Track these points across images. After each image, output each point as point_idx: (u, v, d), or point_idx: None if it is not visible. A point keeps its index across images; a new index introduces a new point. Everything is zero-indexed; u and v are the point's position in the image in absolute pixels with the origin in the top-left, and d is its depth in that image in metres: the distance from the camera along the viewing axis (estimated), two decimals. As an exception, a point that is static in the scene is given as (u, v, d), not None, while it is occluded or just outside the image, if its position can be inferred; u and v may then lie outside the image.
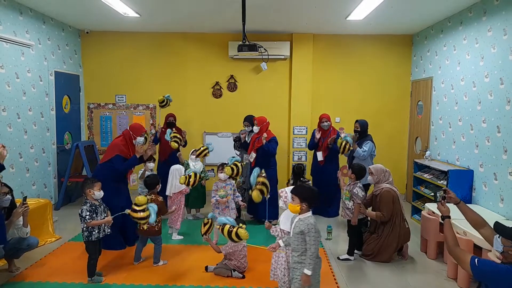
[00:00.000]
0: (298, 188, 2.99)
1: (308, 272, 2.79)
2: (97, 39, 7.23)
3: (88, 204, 3.66)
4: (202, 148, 5.14)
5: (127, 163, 4.44)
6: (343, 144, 5.35)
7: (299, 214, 2.92)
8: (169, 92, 7.27)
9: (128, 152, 4.50)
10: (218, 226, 3.58)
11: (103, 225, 3.72)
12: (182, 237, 4.99)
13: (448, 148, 5.77)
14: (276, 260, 3.40)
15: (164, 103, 6.08)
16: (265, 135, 5.43)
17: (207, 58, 7.27)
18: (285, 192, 3.31)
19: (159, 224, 4.09)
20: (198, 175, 4.50)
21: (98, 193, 3.71)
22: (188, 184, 4.44)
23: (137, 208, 3.63)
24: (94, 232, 3.65)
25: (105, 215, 3.78)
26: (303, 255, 2.86)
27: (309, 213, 2.91)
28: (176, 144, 5.33)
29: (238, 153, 6.13)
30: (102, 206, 3.78)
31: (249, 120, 5.96)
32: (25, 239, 3.86)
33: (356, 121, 5.60)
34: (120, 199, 4.35)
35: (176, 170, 5.05)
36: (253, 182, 4.06)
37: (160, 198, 4.16)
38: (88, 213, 3.61)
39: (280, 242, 3.18)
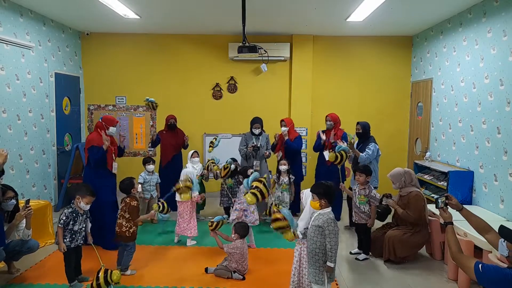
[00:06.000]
0: (315, 186, 3.15)
1: (331, 264, 3.00)
2: (97, 41, 7.23)
3: (70, 210, 3.56)
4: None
5: (97, 156, 4.46)
6: (339, 156, 4.94)
7: (320, 209, 3.06)
8: (169, 94, 7.30)
9: (101, 141, 4.53)
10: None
11: (77, 235, 3.61)
12: (195, 242, 4.86)
13: (448, 149, 5.77)
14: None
15: (149, 106, 6.06)
16: (284, 131, 5.77)
17: (207, 59, 7.27)
18: (304, 194, 3.47)
19: (131, 230, 3.88)
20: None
21: (84, 206, 3.61)
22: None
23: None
24: (65, 240, 3.54)
25: (84, 225, 3.67)
26: (318, 248, 3.01)
27: (329, 209, 3.06)
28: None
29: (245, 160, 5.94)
30: (84, 216, 3.67)
31: (260, 122, 5.88)
32: (25, 242, 3.86)
33: (358, 123, 5.39)
34: (107, 195, 4.50)
35: (185, 175, 4.89)
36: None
37: (135, 203, 3.92)
38: (63, 218, 3.51)
39: (299, 233, 3.29)
